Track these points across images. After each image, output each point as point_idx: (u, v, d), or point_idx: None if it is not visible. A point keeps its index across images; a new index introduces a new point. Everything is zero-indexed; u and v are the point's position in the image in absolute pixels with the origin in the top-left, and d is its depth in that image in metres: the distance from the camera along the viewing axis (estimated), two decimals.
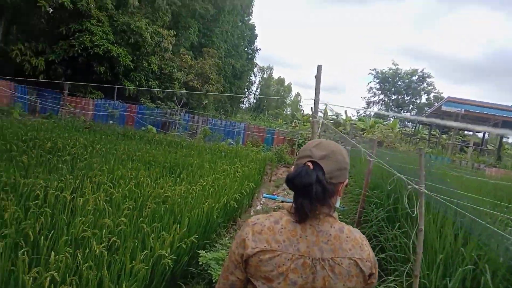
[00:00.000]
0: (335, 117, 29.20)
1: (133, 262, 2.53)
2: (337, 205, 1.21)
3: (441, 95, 45.74)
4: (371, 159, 4.78)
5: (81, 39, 15.89)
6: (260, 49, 42.74)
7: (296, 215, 1.12)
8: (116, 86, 17.43)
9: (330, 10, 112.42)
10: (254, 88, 52.68)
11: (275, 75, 58.66)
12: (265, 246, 1.10)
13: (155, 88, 19.21)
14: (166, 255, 2.76)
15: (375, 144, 4.87)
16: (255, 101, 52.47)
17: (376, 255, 3.49)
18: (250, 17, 42.46)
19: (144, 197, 4.10)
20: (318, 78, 3.70)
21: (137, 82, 18.61)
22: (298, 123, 26.66)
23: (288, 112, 52.33)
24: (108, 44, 16.24)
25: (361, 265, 1.13)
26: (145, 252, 2.71)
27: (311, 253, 1.10)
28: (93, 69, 16.86)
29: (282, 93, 54.95)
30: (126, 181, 4.67)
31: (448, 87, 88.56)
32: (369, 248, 1.20)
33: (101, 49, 15.92)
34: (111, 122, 16.01)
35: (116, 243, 2.78)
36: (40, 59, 16.17)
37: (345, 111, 30.27)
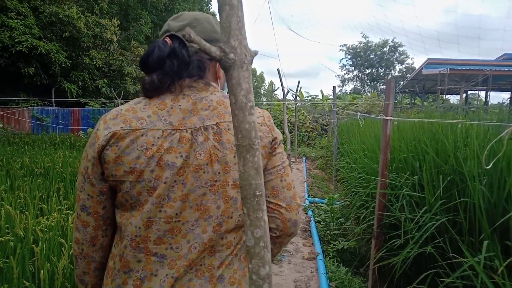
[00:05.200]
0: (312, 98, 27.81)
1: None
2: (225, 92, 0.90)
3: (412, 66, 44.58)
4: (387, 118, 2.64)
5: None
6: None
7: (150, 89, 0.80)
8: (53, 89, 14.71)
9: None
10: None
11: None
12: (121, 127, 0.76)
13: (103, 87, 16.47)
14: None
15: (391, 91, 2.70)
16: None
17: None
18: (210, 5, 39.73)
19: None
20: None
21: (80, 83, 15.82)
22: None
23: (264, 101, 50.39)
24: (33, 39, 13.40)
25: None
26: None
27: (188, 124, 0.78)
28: (21, 71, 14.02)
29: (255, 83, 53.32)
30: None
31: (418, 59, 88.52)
32: (264, 114, 0.89)
33: (25, 45, 13.09)
34: (51, 131, 13.37)
35: None
36: None
37: (321, 91, 28.94)
